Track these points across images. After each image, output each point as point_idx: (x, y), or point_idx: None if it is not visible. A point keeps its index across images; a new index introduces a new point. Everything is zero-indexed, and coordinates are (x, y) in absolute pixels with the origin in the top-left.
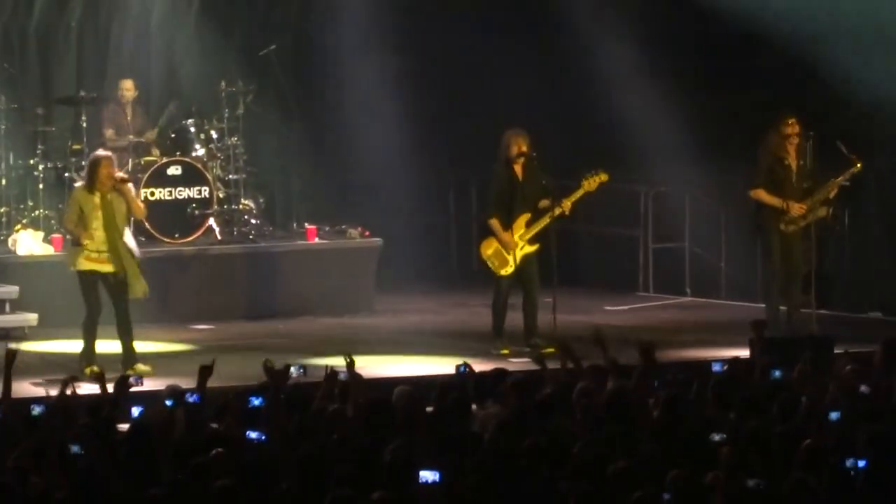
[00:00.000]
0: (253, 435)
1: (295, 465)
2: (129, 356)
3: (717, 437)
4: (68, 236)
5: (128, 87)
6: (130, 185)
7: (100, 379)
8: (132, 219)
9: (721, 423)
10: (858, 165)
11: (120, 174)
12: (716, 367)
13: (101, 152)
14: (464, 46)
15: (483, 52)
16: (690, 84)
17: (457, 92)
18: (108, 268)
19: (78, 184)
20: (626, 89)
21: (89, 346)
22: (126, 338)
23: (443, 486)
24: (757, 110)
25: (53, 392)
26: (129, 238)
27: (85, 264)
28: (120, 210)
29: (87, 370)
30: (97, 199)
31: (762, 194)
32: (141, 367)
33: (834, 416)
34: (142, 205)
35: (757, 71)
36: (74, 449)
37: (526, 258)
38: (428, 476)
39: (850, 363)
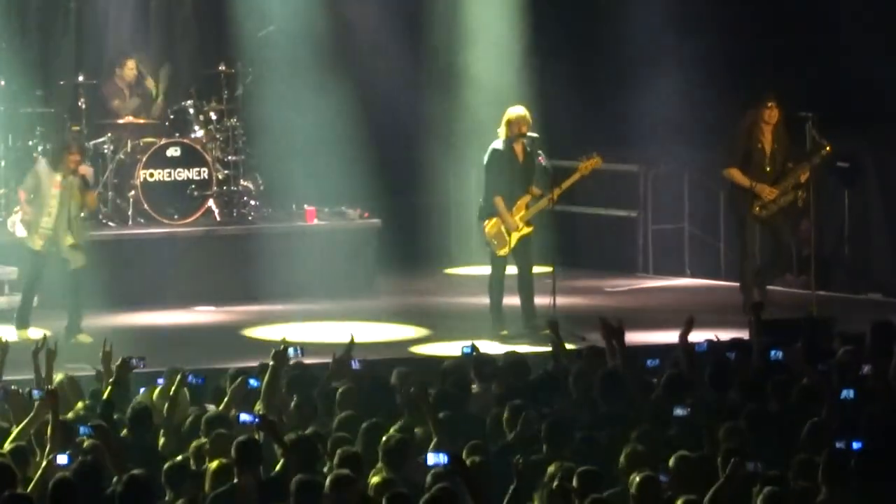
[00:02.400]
0: (246, 417)
1: (293, 446)
2: (78, 323)
3: (680, 412)
4: (19, 213)
5: (131, 66)
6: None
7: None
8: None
9: (720, 404)
10: (828, 149)
11: (84, 170)
12: (699, 348)
13: (71, 139)
14: (461, 24)
15: (484, 30)
16: (689, 64)
17: (457, 70)
18: (49, 247)
19: (42, 159)
20: (625, 70)
21: (27, 312)
22: (79, 310)
23: (448, 467)
24: (756, 90)
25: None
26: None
27: (39, 243)
28: (76, 195)
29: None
30: (58, 177)
31: (735, 174)
32: (84, 337)
33: (846, 393)
34: (95, 198)
35: (756, 50)
36: (83, 430)
37: (521, 240)
38: (436, 458)
39: (848, 345)
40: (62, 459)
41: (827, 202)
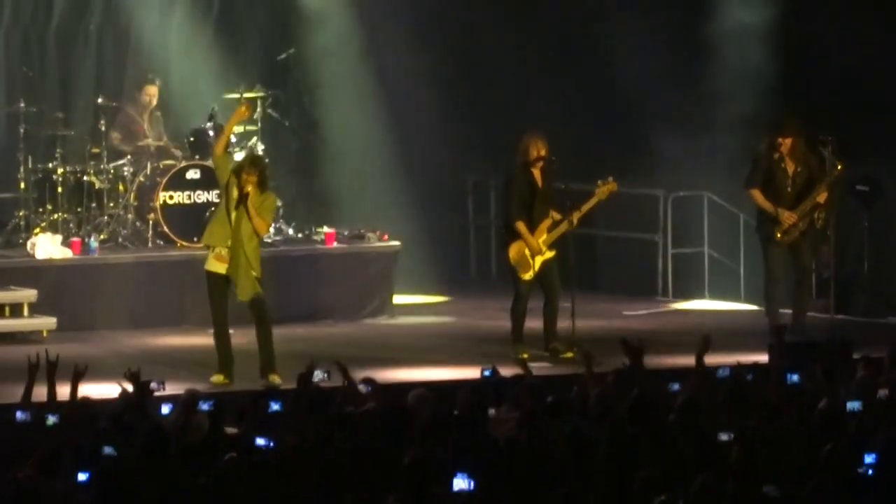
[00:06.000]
0: (261, 441)
1: (312, 470)
2: (268, 362)
3: (724, 437)
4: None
5: (152, 93)
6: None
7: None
8: None
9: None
10: (839, 167)
11: (251, 186)
12: (721, 373)
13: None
14: (483, 48)
15: (503, 55)
16: (708, 89)
17: (476, 93)
18: (223, 268)
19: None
20: (645, 94)
21: (222, 355)
22: (265, 345)
23: (472, 493)
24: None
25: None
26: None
27: (213, 264)
28: (246, 219)
29: (216, 378)
30: (235, 192)
31: (757, 196)
32: (275, 378)
33: (852, 406)
34: (262, 223)
35: (775, 75)
36: (107, 450)
37: (546, 263)
38: (461, 484)
39: (867, 368)
40: (82, 478)
41: (846, 225)
